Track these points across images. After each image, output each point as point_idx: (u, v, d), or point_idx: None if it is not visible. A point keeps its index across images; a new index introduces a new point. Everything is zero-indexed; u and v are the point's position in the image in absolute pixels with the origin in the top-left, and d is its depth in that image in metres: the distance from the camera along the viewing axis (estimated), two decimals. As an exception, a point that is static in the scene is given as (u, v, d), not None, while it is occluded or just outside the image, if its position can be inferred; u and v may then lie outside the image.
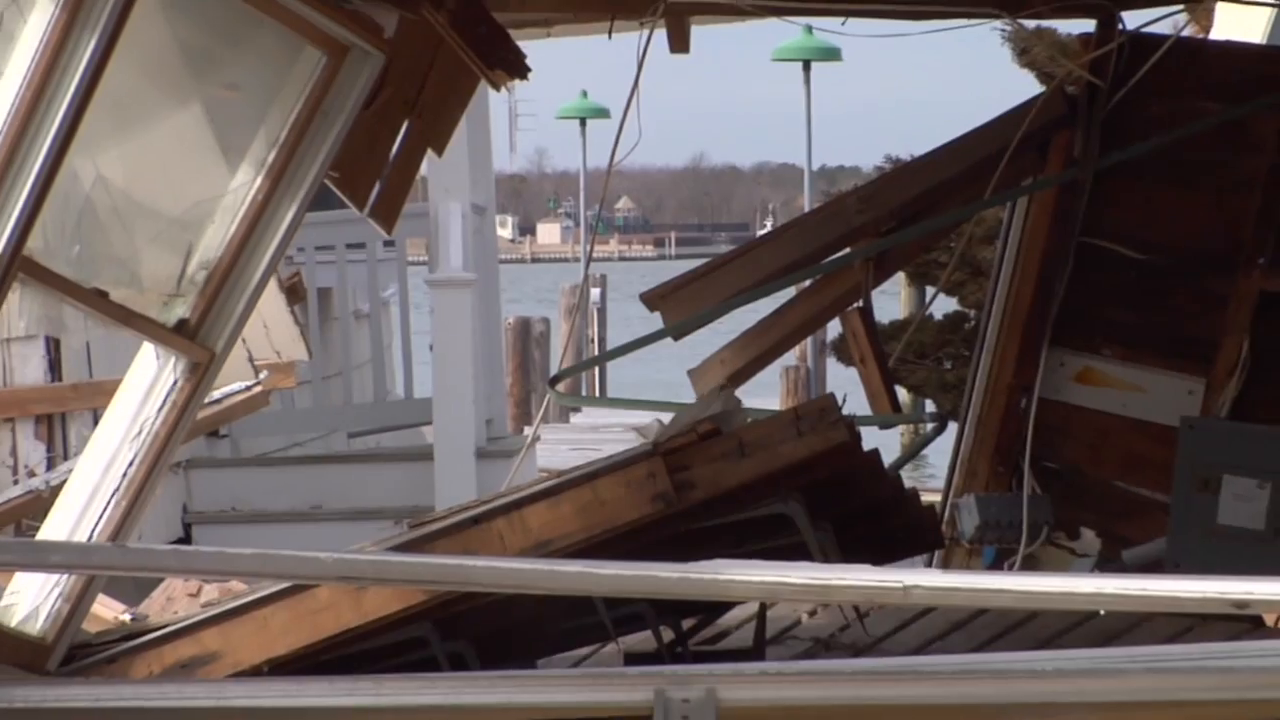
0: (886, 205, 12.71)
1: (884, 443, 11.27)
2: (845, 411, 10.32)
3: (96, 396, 12.32)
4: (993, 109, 12.36)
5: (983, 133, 12.33)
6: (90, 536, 9.52)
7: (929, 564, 10.59)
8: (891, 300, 11.44)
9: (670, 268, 15.32)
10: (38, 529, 10.46)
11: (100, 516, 9.55)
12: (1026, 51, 11.32)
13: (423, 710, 8.61)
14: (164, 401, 9.51)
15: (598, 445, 12.20)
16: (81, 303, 9.39)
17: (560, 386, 19.32)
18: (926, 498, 10.91)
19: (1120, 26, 12.17)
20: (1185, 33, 12.22)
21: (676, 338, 12.84)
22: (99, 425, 9.56)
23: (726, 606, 9.51)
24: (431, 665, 9.24)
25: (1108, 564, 10.89)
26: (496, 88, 11.35)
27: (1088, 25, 12.32)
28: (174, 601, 10.37)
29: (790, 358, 30.40)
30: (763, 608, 9.48)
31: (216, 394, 12.49)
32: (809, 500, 9.57)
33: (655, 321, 13.75)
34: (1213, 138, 11.77)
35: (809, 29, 27.76)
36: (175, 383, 9.42)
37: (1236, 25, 12.53)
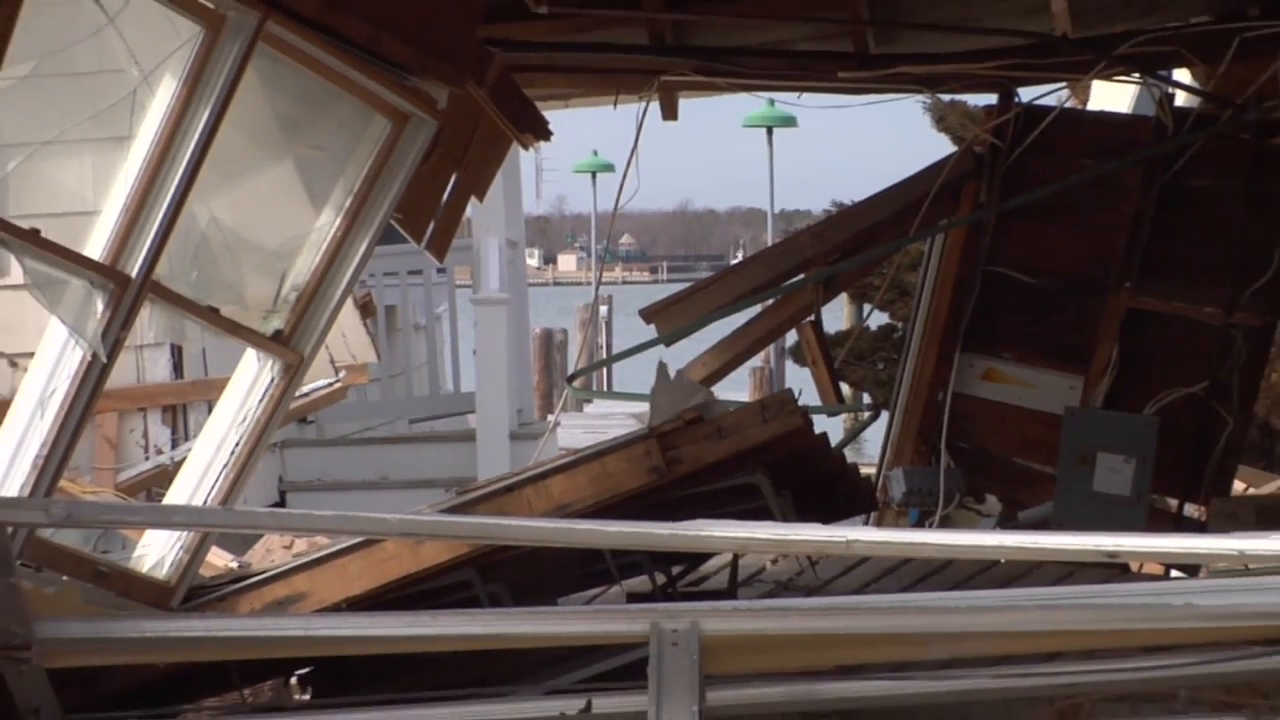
0: (832, 241, 13.28)
1: (831, 428, 11.80)
2: (800, 403, 10.36)
3: (210, 391, 12.58)
4: (916, 164, 12.99)
5: (908, 183, 12.90)
6: (205, 501, 9.49)
7: (866, 523, 10.99)
8: (837, 315, 11.63)
9: (662, 289, 15.57)
10: (164, 495, 10.57)
11: (213, 485, 9.57)
12: (943, 119, 11.59)
13: (467, 638, 8.46)
14: (263, 395, 9.70)
15: (606, 429, 12.42)
16: (198, 317, 9.57)
17: (576, 383, 19.69)
18: (864, 470, 11.35)
19: (1016, 99, 12.55)
20: (1068, 104, 12.70)
21: (668, 344, 13.21)
22: (212, 413, 9.78)
23: (706, 557, 9.73)
24: (474, 603, 9.32)
25: (1007, 522, 11.46)
26: (525, 147, 11.75)
27: (991, 98, 12.87)
28: (271, 553, 11.01)
29: (757, 360, 30.26)
30: (735, 558, 9.61)
31: (305, 389, 12.78)
32: (772, 472, 9.73)
33: (651, 332, 14.05)
34: (1089, 187, 12.29)
35: (771, 102, 28.05)
36: (272, 380, 9.61)
37: (1108, 98, 12.65)
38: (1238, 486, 12.15)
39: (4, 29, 7.46)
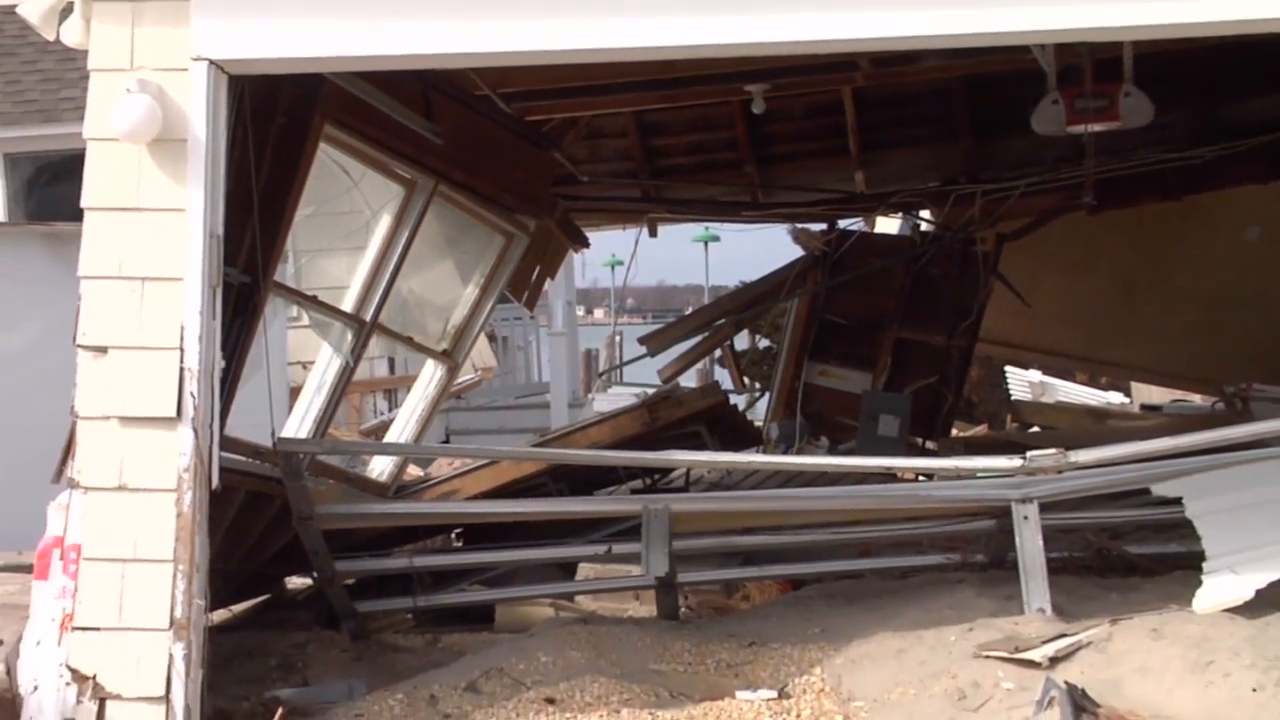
0: (740, 301, 13.39)
1: (739, 403, 12.31)
2: (723, 388, 11.04)
3: (408, 382, 12.80)
4: (783, 260, 13.54)
5: (780, 271, 13.13)
6: (404, 440, 9.69)
7: (757, 452, 11.16)
8: (742, 340, 11.66)
9: (649, 327, 15.41)
10: (383, 437, 11.20)
11: (409, 432, 9.76)
12: (798, 237, 11.57)
13: (544, 513, 8.55)
14: (435, 384, 9.85)
15: (619, 402, 12.63)
16: (402, 343, 9.90)
17: (602, 378, 19.98)
18: (756, 424, 12.05)
19: (837, 226, 12.72)
20: (863, 228, 12.58)
21: (653, 356, 13.36)
22: (409, 394, 10.17)
23: (671, 470, 10.03)
24: (548, 494, 9.55)
25: (833, 451, 11.75)
26: (575, 251, 12.29)
27: (823, 225, 12.60)
28: (441, 468, 11.05)
29: (699, 365, 29.86)
30: (688, 470, 10.05)
31: (459, 380, 12.87)
32: (707, 424, 10.11)
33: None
34: (876, 273, 11.97)
35: (706, 227, 28.25)
36: (440, 376, 9.91)
37: (885, 225, 12.98)
38: (954, 432, 12.58)
39: (299, 190, 8.04)
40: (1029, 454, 7.27)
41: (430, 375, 9.89)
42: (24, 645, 6.23)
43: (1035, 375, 15.77)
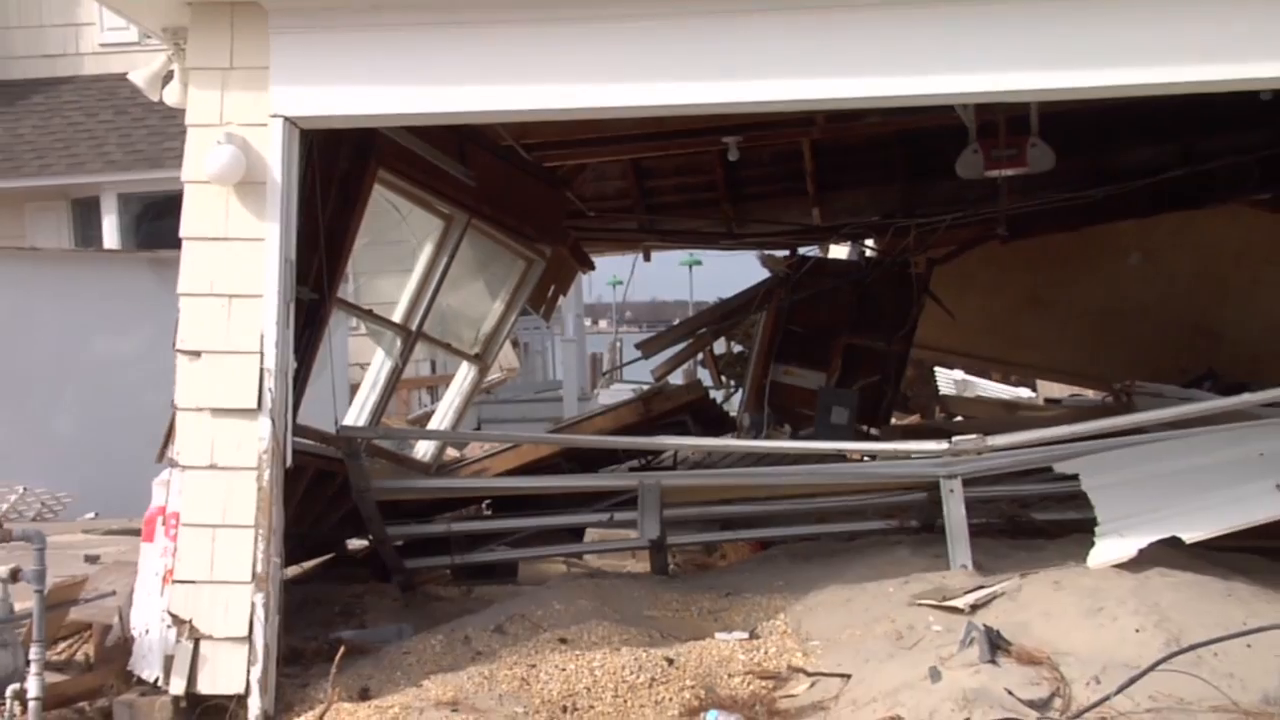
0: (718, 314, 13.34)
1: (716, 396, 11.92)
2: (704, 385, 11.14)
3: (446, 380, 12.57)
4: (754, 279, 12.87)
5: (751, 289, 12.71)
6: (443, 427, 9.69)
7: (733, 437, 10.82)
8: (719, 346, 11.44)
9: (644, 335, 15.20)
10: (426, 424, 11.03)
11: (448, 420, 9.73)
12: (765, 261, 11.45)
13: (558, 487, 8.30)
14: (468, 381, 9.73)
15: (619, 396, 12.49)
16: (441, 349, 9.82)
17: (606, 377, 19.65)
18: (732, 415, 11.81)
19: (798, 252, 12.46)
20: (819, 254, 12.87)
21: (647, 358, 13.14)
22: (447, 390, 10.03)
23: (661, 452, 9.78)
24: (561, 471, 9.40)
25: (795, 436, 11.40)
26: (583, 273, 12.19)
27: (785, 251, 12.38)
28: (474, 450, 11.05)
29: (686, 366, 29.03)
30: (676, 452, 9.85)
31: (489, 378, 12.64)
32: (691, 414, 10.15)
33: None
34: (814, 293, 11.70)
35: (691, 253, 27.69)
36: (472, 375, 9.77)
37: (837, 251, 12.88)
38: (893, 421, 12.39)
39: (357, 223, 7.85)
40: (954, 439, 7.26)
41: (464, 374, 9.84)
42: (135, 596, 6.24)
43: (959, 374, 15.72)
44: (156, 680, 5.97)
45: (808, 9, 6.03)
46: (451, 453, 11.09)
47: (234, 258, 6.19)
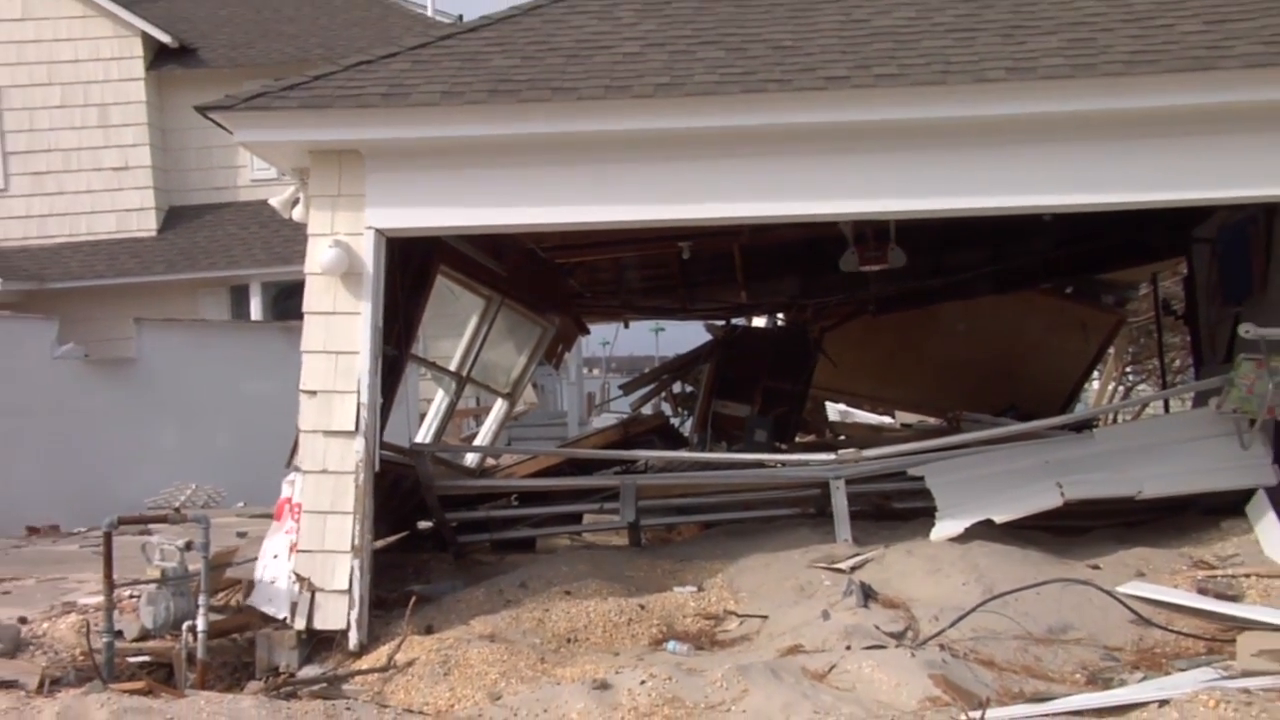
0: (673, 367, 12.98)
1: (675, 422, 11.61)
2: (666, 415, 10.96)
3: (486, 410, 12.07)
4: (699, 341, 12.76)
5: (699, 348, 12.34)
6: (484, 443, 9.54)
7: (687, 451, 10.52)
8: (677, 387, 10.90)
9: (623, 378, 14.77)
10: (472, 441, 10.64)
11: (487, 439, 9.64)
12: (708, 329, 10.88)
13: (564, 485, 7.97)
14: (502, 412, 9.62)
15: (609, 421, 11.96)
16: (483, 389, 9.57)
17: (597, 408, 19.25)
18: (685, 435, 11.35)
19: (731, 322, 12.00)
20: (746, 323, 12.51)
21: (626, 395, 13.04)
22: (487, 418, 9.90)
23: (637, 460, 9.33)
24: (566, 474, 8.87)
25: (729, 450, 10.80)
26: (582, 335, 11.70)
27: (721, 321, 11.90)
28: (505, 460, 10.76)
29: (654, 401, 27.69)
30: (646, 461, 9.32)
31: (516, 410, 12.14)
32: (658, 434, 9.91)
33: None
34: (749, 351, 11.28)
35: (656, 321, 26.94)
36: (504, 407, 9.63)
37: (758, 321, 13.00)
38: (798, 439, 12.09)
39: (425, 301, 7.66)
40: (839, 452, 7.27)
41: (499, 407, 9.75)
42: (263, 560, 6.25)
43: (842, 406, 15.42)
44: (285, 619, 6.00)
45: (739, 156, 6.00)
46: (490, 462, 11.05)
47: (340, 326, 6.18)
